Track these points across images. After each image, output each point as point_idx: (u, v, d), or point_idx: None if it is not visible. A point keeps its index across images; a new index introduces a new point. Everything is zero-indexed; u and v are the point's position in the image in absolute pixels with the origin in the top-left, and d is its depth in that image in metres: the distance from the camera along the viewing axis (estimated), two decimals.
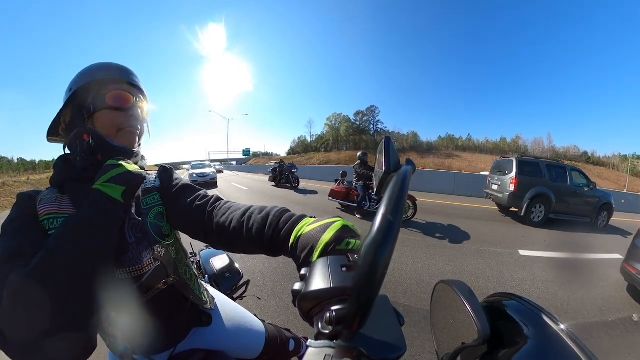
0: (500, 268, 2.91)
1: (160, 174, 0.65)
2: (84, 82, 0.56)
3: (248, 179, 16.62)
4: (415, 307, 2.08)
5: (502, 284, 2.57)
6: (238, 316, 0.76)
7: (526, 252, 3.49)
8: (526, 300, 0.38)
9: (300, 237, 0.40)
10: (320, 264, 0.31)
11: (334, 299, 0.27)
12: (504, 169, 5.85)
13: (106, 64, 0.59)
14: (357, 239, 0.36)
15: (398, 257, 3.09)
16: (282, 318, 1.95)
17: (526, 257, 3.31)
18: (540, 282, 2.62)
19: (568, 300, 2.32)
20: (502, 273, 2.79)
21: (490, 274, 2.76)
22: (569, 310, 2.18)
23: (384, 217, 0.22)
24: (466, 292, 0.36)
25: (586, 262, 3.53)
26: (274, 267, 2.81)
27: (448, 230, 4.43)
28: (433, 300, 0.46)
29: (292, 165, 11.12)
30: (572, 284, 2.66)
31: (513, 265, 3.03)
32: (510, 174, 5.56)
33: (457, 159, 41.36)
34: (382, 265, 0.21)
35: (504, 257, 3.25)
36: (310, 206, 6.51)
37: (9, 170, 27.19)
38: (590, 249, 4.02)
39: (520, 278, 2.70)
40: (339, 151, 51.88)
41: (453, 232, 4.32)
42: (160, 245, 0.56)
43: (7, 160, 34.24)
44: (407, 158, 0.30)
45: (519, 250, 3.51)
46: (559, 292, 2.46)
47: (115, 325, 0.53)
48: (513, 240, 4.07)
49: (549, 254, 3.51)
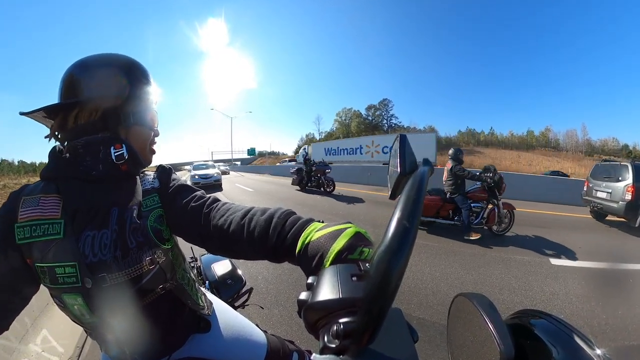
0: (528, 279, 2.83)
1: (159, 174, 0.66)
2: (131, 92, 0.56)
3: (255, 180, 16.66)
4: (431, 321, 2.05)
5: (529, 297, 2.50)
6: (238, 325, 0.77)
7: (559, 261, 3.38)
8: (557, 318, 0.37)
9: (308, 244, 0.40)
10: (328, 273, 0.31)
11: (343, 310, 0.27)
12: (615, 175, 5.55)
13: (143, 71, 0.61)
14: (370, 248, 0.36)
15: (413, 265, 3.06)
16: (286, 329, 1.96)
17: (559, 267, 3.20)
18: (575, 297, 2.53)
19: (607, 319, 2.23)
20: (530, 285, 2.71)
21: (516, 285, 2.69)
22: (607, 330, 2.09)
23: (399, 223, 0.22)
24: (487, 307, 0.35)
25: (631, 273, 3.38)
26: (279, 274, 2.83)
27: None
28: (450, 314, 0.46)
29: (324, 164, 9.28)
30: (613, 299, 2.56)
31: (543, 276, 2.94)
32: (625, 180, 5.27)
33: (479, 155, 40.02)
34: (396, 275, 0.20)
35: (532, 267, 3.15)
36: (367, 221, 5.12)
37: (9, 172, 28.86)
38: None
39: (551, 291, 2.61)
40: None
41: None
42: (160, 249, 0.57)
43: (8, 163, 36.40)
44: (424, 158, 0.30)
45: (550, 259, 3.41)
46: (596, 308, 2.37)
47: (109, 328, 0.54)
48: (544, 247, 3.94)
49: (585, 264, 3.39)
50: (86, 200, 0.52)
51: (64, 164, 0.55)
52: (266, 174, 23.51)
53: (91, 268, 0.49)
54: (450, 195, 4.22)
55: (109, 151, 0.54)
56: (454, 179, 4.17)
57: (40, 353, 1.61)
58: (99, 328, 0.53)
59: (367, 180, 12.19)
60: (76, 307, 0.49)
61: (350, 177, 12.79)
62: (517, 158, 37.14)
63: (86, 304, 0.49)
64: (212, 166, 13.89)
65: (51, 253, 0.48)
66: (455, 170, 4.13)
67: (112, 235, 0.52)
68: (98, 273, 0.49)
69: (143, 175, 0.65)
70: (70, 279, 0.48)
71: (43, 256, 0.48)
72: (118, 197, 0.55)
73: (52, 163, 0.56)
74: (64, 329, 1.88)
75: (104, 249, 0.50)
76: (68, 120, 0.55)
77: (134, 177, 0.61)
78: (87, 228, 0.51)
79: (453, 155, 4.31)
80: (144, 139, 0.61)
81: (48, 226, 0.49)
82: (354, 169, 14.85)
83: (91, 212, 0.52)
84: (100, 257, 0.50)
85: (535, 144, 45.41)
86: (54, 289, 0.49)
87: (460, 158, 4.29)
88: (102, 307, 0.50)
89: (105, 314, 0.51)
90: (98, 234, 0.51)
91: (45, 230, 0.49)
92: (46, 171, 0.55)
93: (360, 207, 6.60)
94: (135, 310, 0.54)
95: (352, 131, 53.86)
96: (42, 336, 1.71)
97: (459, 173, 4.11)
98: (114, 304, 0.50)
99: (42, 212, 0.50)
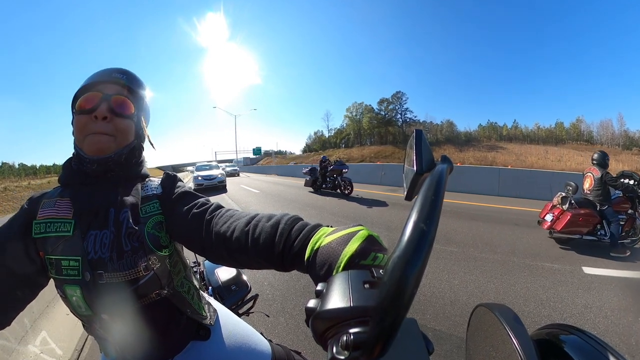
0: (557, 289, 2.75)
1: (163, 180, 0.70)
2: (76, 93, 0.63)
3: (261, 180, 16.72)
4: (448, 333, 2.02)
5: (558, 310, 2.43)
6: (241, 333, 0.78)
7: (592, 269, 3.27)
8: (590, 335, 0.36)
9: (318, 250, 0.40)
10: (339, 279, 0.31)
11: (353, 320, 0.27)
12: None
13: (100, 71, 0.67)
14: (384, 253, 0.36)
15: (429, 272, 3.02)
16: (292, 338, 1.98)
17: (592, 277, 3.10)
18: (610, 311, 2.45)
19: None
20: (560, 296, 2.64)
21: (544, 296, 2.62)
22: None
23: (415, 226, 0.22)
24: (511, 320, 0.35)
25: None
26: (285, 280, 2.86)
27: (491, 239, 4.25)
28: (470, 326, 0.45)
29: (341, 164, 8.99)
30: None
31: (575, 286, 2.85)
32: None
33: (502, 151, 38.66)
34: (412, 282, 0.20)
35: (562, 276, 3.07)
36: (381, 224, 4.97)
37: (10, 175, 30.53)
38: None
39: (583, 304, 2.54)
40: (361, 146, 51.24)
41: (498, 241, 4.15)
42: (156, 256, 0.61)
43: (9, 166, 38.61)
44: (442, 155, 0.30)
45: (582, 268, 3.30)
46: (634, 324, 2.28)
47: (107, 328, 0.59)
48: (576, 254, 3.83)
49: (623, 273, 3.26)
50: (90, 202, 0.60)
51: (71, 173, 0.64)
52: (272, 175, 23.65)
53: (92, 264, 0.56)
54: (600, 207, 3.89)
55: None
56: (602, 188, 3.85)
57: (39, 354, 1.67)
58: (94, 322, 0.59)
59: (379, 180, 12.04)
60: (74, 298, 0.56)
61: (360, 176, 12.26)
62: (544, 154, 35.59)
63: (83, 296, 0.56)
64: (216, 167, 14.14)
65: (60, 247, 0.57)
66: (606, 179, 3.81)
67: (110, 235, 0.58)
68: (97, 269, 0.56)
69: (148, 181, 0.69)
70: (73, 271, 0.56)
71: (53, 249, 0.57)
72: (115, 198, 0.61)
73: (65, 172, 0.66)
74: (63, 332, 1.95)
75: (104, 247, 0.57)
76: None
77: (133, 180, 0.67)
78: (91, 227, 0.58)
79: (599, 160, 3.94)
80: (77, 128, 0.61)
81: (60, 224, 0.58)
82: (365, 167, 14.78)
83: (94, 213, 0.59)
84: (100, 255, 0.57)
85: (566, 137, 43.10)
86: (58, 279, 0.57)
87: (608, 163, 3.95)
88: (97, 301, 0.56)
89: (100, 308, 0.57)
90: (100, 233, 0.58)
91: (57, 227, 0.58)
92: (61, 178, 0.66)
93: (386, 213, 6.28)
94: (129, 311, 0.59)
95: (364, 127, 53.51)
96: (41, 338, 1.79)
97: (613, 183, 3.81)
98: (108, 300, 0.56)
99: (57, 212, 0.60)
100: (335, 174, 8.68)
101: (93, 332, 0.62)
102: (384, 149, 44.04)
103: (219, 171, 13.01)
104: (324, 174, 9.09)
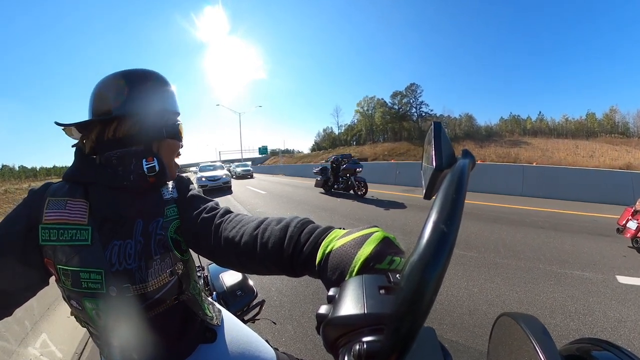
0: (588, 300, 2.68)
1: (177, 184, 0.72)
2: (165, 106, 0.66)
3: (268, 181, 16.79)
4: (465, 346, 1.99)
5: (589, 323, 2.36)
6: (245, 340, 0.80)
7: (628, 279, 3.16)
8: (626, 351, 0.35)
9: (330, 254, 0.40)
10: (353, 284, 0.31)
11: (367, 328, 0.27)
12: None
13: (168, 84, 0.69)
14: (402, 257, 0.36)
15: (447, 279, 2.98)
16: (299, 347, 1.99)
17: (628, 287, 3.00)
18: None
19: None
20: (591, 308, 2.57)
21: (572, 308, 2.56)
22: None
23: (435, 227, 0.21)
24: (539, 332, 0.34)
25: None
26: (294, 286, 2.87)
27: (515, 243, 4.17)
28: (492, 337, 0.44)
29: (354, 162, 8.68)
30: None
31: (608, 297, 2.77)
32: None
33: (526, 147, 37.11)
34: (431, 288, 0.20)
35: (594, 285, 2.98)
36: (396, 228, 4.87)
37: (10, 177, 31.77)
38: None
39: (617, 317, 2.46)
40: (374, 143, 50.82)
41: (521, 246, 4.06)
42: (180, 260, 0.63)
43: (9, 168, 40.29)
44: (463, 149, 0.29)
45: (617, 276, 3.20)
46: None
47: (118, 334, 0.59)
48: (610, 261, 3.72)
49: None
50: (115, 209, 0.59)
51: (94, 170, 0.62)
52: (280, 175, 23.77)
53: (117, 276, 0.55)
54: None
55: (141, 163, 0.62)
56: None
57: (39, 357, 1.74)
58: (107, 333, 0.59)
59: (394, 179, 11.93)
60: (94, 311, 0.55)
61: (374, 175, 12.08)
62: (574, 148, 34.00)
63: (105, 310, 0.55)
64: (220, 167, 14.33)
65: (77, 258, 0.55)
66: None
67: (136, 246, 0.58)
68: (123, 283, 0.55)
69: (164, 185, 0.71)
70: (95, 285, 0.55)
71: (68, 260, 0.55)
72: (143, 208, 0.62)
73: (80, 165, 0.63)
74: (63, 334, 2.02)
75: (129, 258, 0.57)
76: (106, 132, 0.62)
77: (159, 189, 0.68)
78: (115, 237, 0.57)
79: None
80: (171, 152, 0.68)
81: (76, 232, 0.56)
82: (379, 166, 14.68)
83: (119, 222, 0.59)
84: (125, 266, 0.56)
85: (598, 130, 40.57)
86: (75, 292, 0.55)
87: None
88: (118, 314, 0.56)
89: (120, 321, 0.57)
90: (123, 243, 0.58)
91: (72, 235, 0.55)
92: (72, 173, 0.62)
93: (405, 216, 6.13)
94: (146, 319, 0.60)
95: (377, 122, 53.11)
96: (42, 340, 1.85)
97: None
98: (130, 312, 0.57)
99: (69, 216, 0.57)
100: (348, 174, 8.43)
101: (100, 339, 0.62)
102: (399, 145, 43.58)
103: (224, 172, 13.21)
104: (336, 173, 8.86)
